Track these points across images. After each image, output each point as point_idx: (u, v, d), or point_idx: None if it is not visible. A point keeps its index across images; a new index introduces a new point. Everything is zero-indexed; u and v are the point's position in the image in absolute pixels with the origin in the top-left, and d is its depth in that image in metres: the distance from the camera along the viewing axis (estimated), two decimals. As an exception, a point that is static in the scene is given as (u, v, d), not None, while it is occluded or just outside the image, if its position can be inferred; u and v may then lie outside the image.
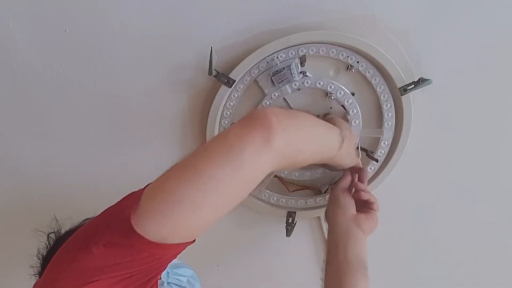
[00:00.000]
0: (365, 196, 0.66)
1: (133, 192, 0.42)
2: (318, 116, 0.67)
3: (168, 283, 0.63)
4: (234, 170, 0.40)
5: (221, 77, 0.64)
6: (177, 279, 0.65)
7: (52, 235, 0.67)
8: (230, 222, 0.84)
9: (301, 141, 0.49)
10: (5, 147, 0.74)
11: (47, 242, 0.66)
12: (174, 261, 0.69)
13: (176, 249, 0.41)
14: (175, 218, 0.39)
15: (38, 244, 0.66)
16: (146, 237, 0.38)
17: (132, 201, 0.40)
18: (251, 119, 0.43)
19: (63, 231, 0.67)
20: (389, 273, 0.93)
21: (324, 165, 0.68)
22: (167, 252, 0.40)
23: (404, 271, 0.93)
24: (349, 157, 0.64)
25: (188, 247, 0.43)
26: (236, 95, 0.67)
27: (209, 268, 0.89)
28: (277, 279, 0.92)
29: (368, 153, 0.72)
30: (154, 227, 0.38)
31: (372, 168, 0.74)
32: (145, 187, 0.42)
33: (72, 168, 0.76)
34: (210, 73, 0.62)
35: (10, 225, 0.83)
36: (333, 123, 0.62)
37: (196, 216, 0.40)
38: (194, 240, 0.43)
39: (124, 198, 0.43)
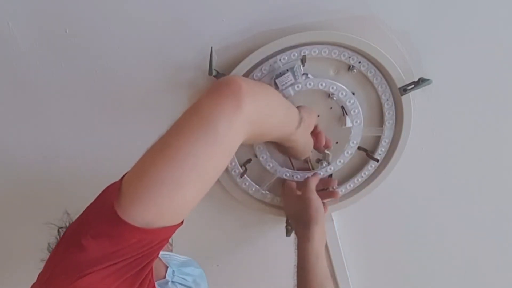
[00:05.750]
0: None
1: (114, 182, 0.42)
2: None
3: (172, 282, 0.62)
4: (209, 142, 0.40)
5: (221, 77, 0.64)
6: (182, 278, 0.64)
7: (63, 230, 0.66)
8: (230, 222, 0.84)
9: (269, 108, 0.49)
10: (7, 146, 0.74)
11: (57, 236, 0.66)
12: (183, 259, 0.69)
13: (165, 233, 0.40)
14: (158, 200, 0.38)
15: (49, 238, 0.66)
16: (132, 223, 0.37)
17: (114, 189, 0.40)
18: (220, 86, 0.42)
19: None
20: (389, 273, 0.93)
21: (281, 149, 0.69)
22: (156, 236, 0.40)
23: (404, 270, 0.93)
24: (305, 142, 0.65)
25: (189, 247, 0.43)
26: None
27: (209, 268, 0.89)
28: (277, 279, 0.92)
29: (368, 153, 0.72)
30: (138, 212, 0.37)
31: (372, 165, 0.74)
32: (125, 175, 0.41)
33: (74, 165, 0.76)
34: (210, 73, 0.62)
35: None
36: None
37: (179, 195, 0.39)
38: (182, 222, 0.43)
39: (106, 188, 0.42)
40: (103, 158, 0.75)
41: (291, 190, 0.73)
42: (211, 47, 0.62)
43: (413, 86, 0.65)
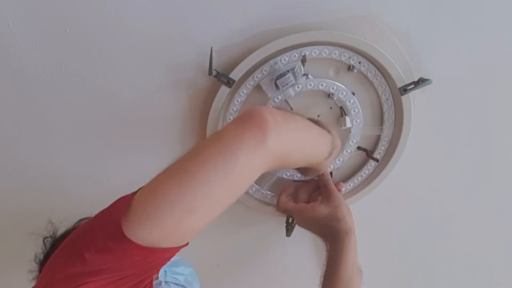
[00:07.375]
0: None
1: (124, 196, 0.42)
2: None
3: (166, 282, 0.62)
4: (227, 172, 0.40)
5: (221, 77, 0.64)
6: (174, 277, 0.64)
7: (48, 239, 0.66)
8: (230, 222, 0.84)
9: (294, 144, 0.48)
10: (3, 147, 0.74)
11: (43, 246, 0.66)
12: (172, 258, 0.69)
13: (168, 252, 0.41)
14: (166, 223, 0.38)
15: (35, 248, 0.66)
16: (137, 242, 0.37)
17: (123, 205, 0.40)
18: (246, 119, 0.42)
19: (58, 234, 0.67)
20: (389, 273, 0.93)
21: (299, 169, 0.68)
22: (160, 256, 0.40)
23: (404, 270, 0.93)
24: (327, 166, 0.66)
25: (189, 247, 0.43)
26: (239, 100, 0.67)
27: (209, 268, 0.89)
28: (277, 279, 0.92)
29: (368, 153, 0.72)
30: (145, 232, 0.38)
31: (372, 165, 0.74)
32: (136, 191, 0.41)
33: (71, 168, 0.76)
34: (210, 73, 0.62)
35: (6, 229, 0.82)
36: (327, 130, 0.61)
37: (188, 220, 0.39)
38: (188, 243, 0.43)
39: (115, 202, 0.42)
40: (98, 160, 0.75)
41: (314, 195, 0.73)
42: (211, 47, 0.62)
43: (413, 86, 0.66)
